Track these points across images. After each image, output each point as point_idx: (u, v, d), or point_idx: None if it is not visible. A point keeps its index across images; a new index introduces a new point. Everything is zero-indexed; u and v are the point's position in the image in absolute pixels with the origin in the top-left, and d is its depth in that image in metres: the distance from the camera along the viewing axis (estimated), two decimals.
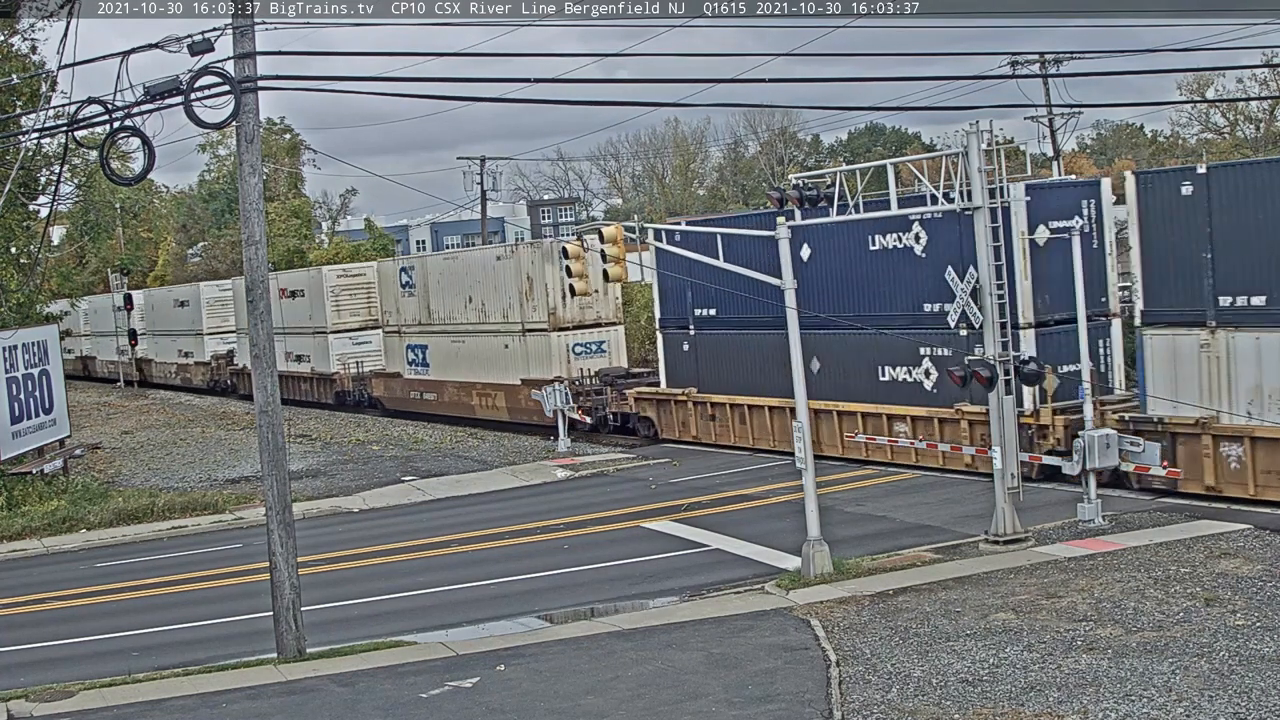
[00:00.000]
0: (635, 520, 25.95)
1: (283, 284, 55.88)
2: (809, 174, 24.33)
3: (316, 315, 52.98)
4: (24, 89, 33.69)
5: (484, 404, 42.13)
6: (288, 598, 17.90)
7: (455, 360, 44.06)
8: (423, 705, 14.99)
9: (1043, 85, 51.48)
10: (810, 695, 14.14)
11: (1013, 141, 51.62)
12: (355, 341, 52.02)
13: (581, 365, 39.07)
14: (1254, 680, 13.47)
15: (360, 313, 52.41)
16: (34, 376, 36.04)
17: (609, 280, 22.56)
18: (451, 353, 44.30)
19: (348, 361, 51.76)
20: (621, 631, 17.66)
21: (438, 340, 45.29)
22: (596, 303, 39.13)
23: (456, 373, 43.76)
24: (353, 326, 52.23)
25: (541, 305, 39.39)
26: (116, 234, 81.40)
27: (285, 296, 54.60)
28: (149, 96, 16.71)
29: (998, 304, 21.17)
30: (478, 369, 42.62)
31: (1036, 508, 22.69)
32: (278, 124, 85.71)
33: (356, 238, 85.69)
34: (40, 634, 21.17)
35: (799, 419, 20.25)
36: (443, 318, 44.79)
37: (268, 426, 18.08)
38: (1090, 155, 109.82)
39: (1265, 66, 59.17)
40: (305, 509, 29.45)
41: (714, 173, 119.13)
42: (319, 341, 53.03)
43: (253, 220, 17.96)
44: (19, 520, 30.50)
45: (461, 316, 43.43)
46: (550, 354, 39.13)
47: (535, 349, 39.74)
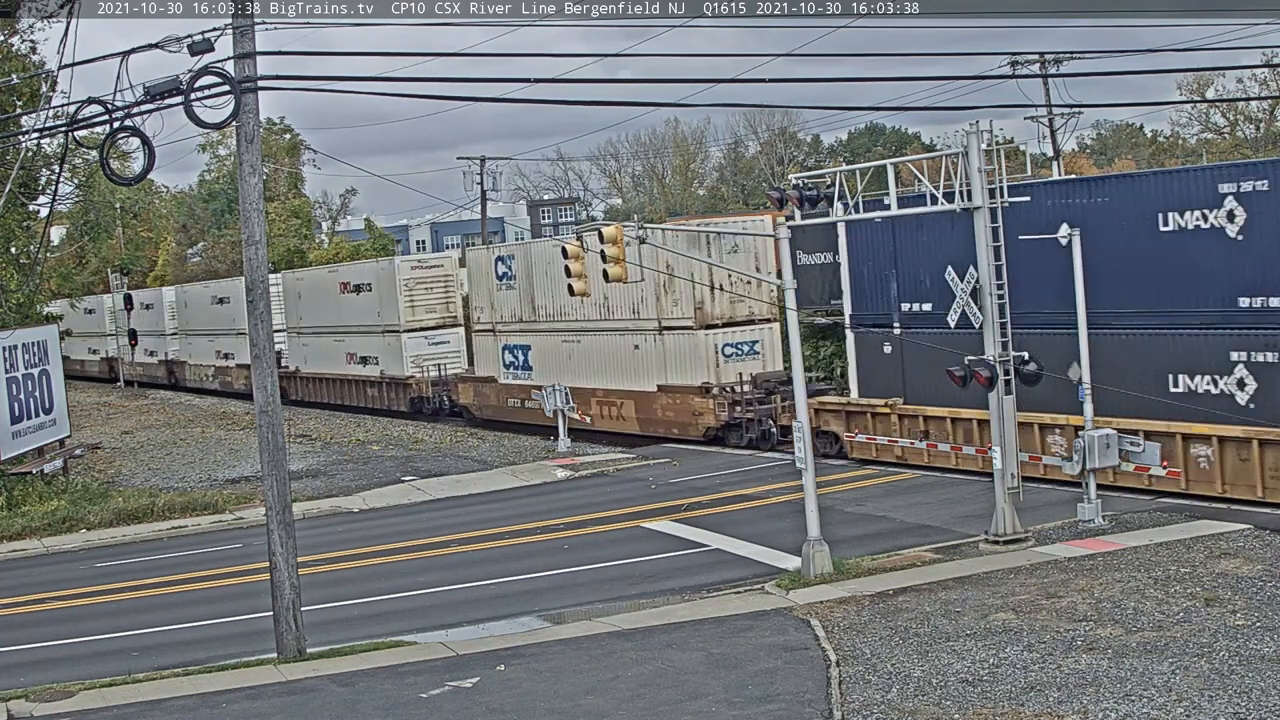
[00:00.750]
0: (635, 520, 25.95)
1: (344, 277, 51.79)
2: (809, 174, 24.30)
3: (387, 312, 47.91)
4: (24, 89, 33.70)
5: (606, 413, 37.20)
6: (288, 598, 17.90)
7: (567, 363, 38.78)
8: (423, 705, 14.99)
9: (1043, 85, 51.49)
10: (810, 695, 14.14)
11: (1013, 141, 51.67)
12: (431, 341, 47.25)
13: (733, 369, 34.01)
14: (1254, 680, 13.47)
15: (436, 309, 47.46)
16: (34, 376, 36.05)
17: (608, 280, 22.49)
18: (562, 354, 39.10)
19: (424, 364, 46.69)
20: (621, 631, 17.66)
21: (544, 340, 39.95)
22: (749, 296, 34.34)
23: (569, 377, 38.03)
24: (429, 324, 47.34)
25: (685, 299, 34.27)
26: (116, 234, 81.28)
27: (347, 291, 50.43)
28: (149, 96, 16.72)
29: (997, 304, 21.15)
30: (598, 373, 37.58)
31: (1036, 508, 22.68)
32: (278, 124, 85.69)
33: (356, 238, 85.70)
34: (40, 634, 21.18)
35: (799, 418, 20.26)
36: (551, 314, 39.45)
37: (268, 426, 18.08)
38: (1090, 155, 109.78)
39: (1265, 66, 59.20)
40: (305, 509, 29.45)
41: (714, 173, 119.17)
42: (390, 342, 47.98)
43: (253, 220, 17.96)
44: (19, 520, 30.51)
45: (576, 313, 37.77)
46: (696, 356, 34.16)
47: (676, 350, 34.56)
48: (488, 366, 43.29)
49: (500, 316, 42.17)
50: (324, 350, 53.50)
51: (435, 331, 47.51)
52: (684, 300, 34.34)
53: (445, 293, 47.92)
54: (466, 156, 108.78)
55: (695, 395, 33.79)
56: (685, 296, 34.23)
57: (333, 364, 52.60)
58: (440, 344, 47.36)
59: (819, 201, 22.12)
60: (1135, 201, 23.77)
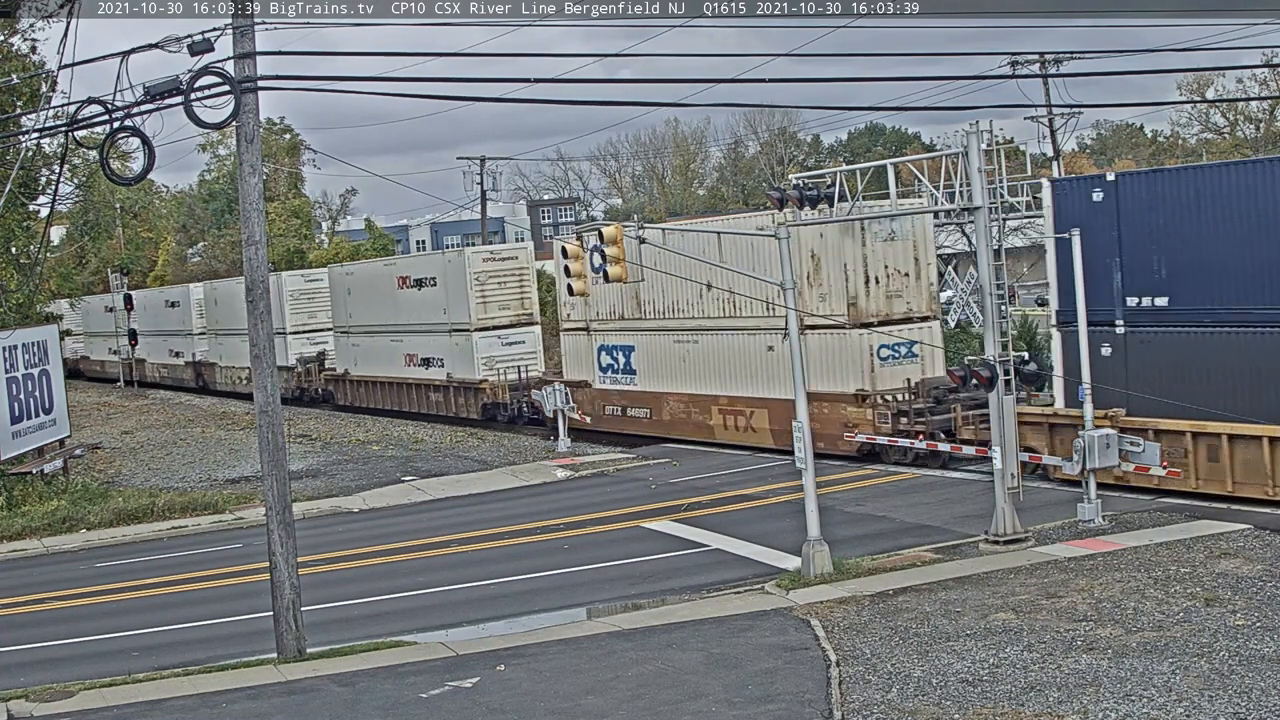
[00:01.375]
0: (635, 520, 25.95)
1: (404, 271, 47.48)
2: (809, 174, 24.34)
3: (455, 310, 43.61)
4: (24, 89, 33.70)
5: (731, 424, 32.85)
6: (288, 598, 17.90)
7: (681, 366, 34.71)
8: (423, 705, 14.99)
9: (1043, 85, 51.52)
10: (810, 695, 14.14)
11: (1012, 141, 51.68)
12: (505, 341, 42.70)
13: (889, 374, 29.52)
14: (1254, 680, 13.47)
15: (510, 305, 42.87)
16: (34, 376, 36.06)
17: (608, 280, 22.47)
18: (674, 356, 34.96)
19: (497, 366, 42.25)
20: (621, 631, 17.66)
21: (652, 340, 35.78)
22: (907, 290, 29.81)
23: (683, 382, 34.29)
24: (503, 323, 42.86)
25: (836, 293, 29.72)
26: (116, 234, 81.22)
27: (406, 286, 46.08)
28: (149, 96, 16.72)
29: (996, 304, 21.15)
30: (721, 378, 33.44)
31: (1036, 508, 22.68)
32: (278, 124, 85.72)
33: (356, 238, 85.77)
34: (40, 634, 21.17)
35: (799, 418, 20.25)
36: (661, 310, 35.18)
37: (268, 426, 18.08)
38: (1090, 155, 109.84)
39: (1265, 66, 59.25)
40: (305, 509, 29.45)
41: (714, 173, 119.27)
42: (458, 342, 43.67)
43: (253, 220, 17.96)
44: (19, 520, 30.51)
45: (693, 309, 33.58)
46: (847, 359, 29.71)
47: (822, 352, 30.20)
48: (580, 369, 38.96)
49: (595, 314, 37.86)
50: (379, 351, 48.92)
51: (509, 330, 43.04)
52: (833, 295, 29.77)
53: (520, 287, 43.13)
54: (466, 156, 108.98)
55: (848, 404, 29.52)
56: (836, 290, 29.72)
57: (389, 366, 48.34)
58: (515, 344, 42.91)
59: (819, 202, 22.13)
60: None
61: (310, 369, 54.52)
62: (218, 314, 62.89)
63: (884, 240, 29.57)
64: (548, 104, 22.68)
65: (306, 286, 55.50)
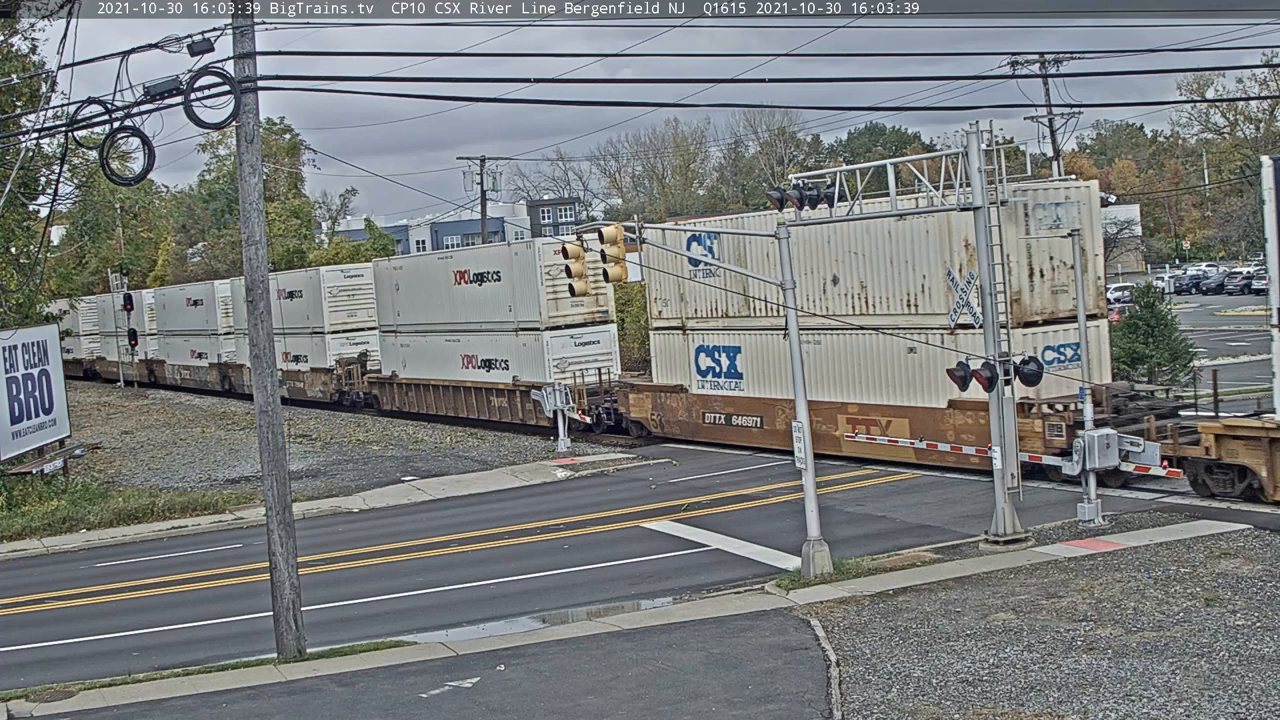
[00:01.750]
0: (635, 520, 25.95)
1: (461, 265, 43.48)
2: (809, 174, 24.30)
3: (523, 307, 39.99)
4: (24, 89, 33.71)
5: (863, 434, 29.43)
6: (288, 598, 17.90)
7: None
8: (423, 705, 15.00)
9: (1043, 85, 51.52)
10: (810, 695, 14.14)
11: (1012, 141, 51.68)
12: (578, 341, 39.31)
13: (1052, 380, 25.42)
14: (1254, 680, 13.47)
15: (584, 302, 38.88)
16: (34, 376, 36.06)
17: (608, 280, 22.47)
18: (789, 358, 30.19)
19: (570, 368, 38.69)
20: (621, 631, 17.66)
21: (763, 340, 31.81)
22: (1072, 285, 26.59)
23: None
24: (575, 321, 39.40)
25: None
26: (116, 234, 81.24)
27: (465, 282, 42.33)
28: (149, 96, 16.73)
29: (994, 303, 21.16)
30: (850, 383, 29.72)
31: (1036, 508, 22.69)
32: (278, 124, 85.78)
33: (356, 238, 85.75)
34: (40, 634, 21.17)
35: (799, 418, 20.26)
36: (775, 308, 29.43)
37: (268, 426, 18.08)
38: (1090, 155, 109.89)
39: (1265, 66, 59.28)
40: (305, 509, 29.45)
41: (714, 173, 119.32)
42: (526, 342, 39.93)
43: (253, 220, 17.96)
44: (19, 520, 30.51)
45: (815, 307, 29.62)
46: None
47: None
48: (672, 373, 35.62)
49: (694, 311, 34.38)
50: (432, 352, 45.26)
51: (582, 329, 39.36)
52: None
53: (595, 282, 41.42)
54: (466, 156, 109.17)
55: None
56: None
57: (443, 368, 44.75)
58: (588, 344, 39.18)
59: (819, 202, 22.12)
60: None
61: (352, 371, 50.84)
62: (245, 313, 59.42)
63: (1049, 227, 26.74)
64: (548, 104, 22.72)
65: (347, 283, 52.11)
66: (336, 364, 51.38)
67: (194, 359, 65.94)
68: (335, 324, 51.93)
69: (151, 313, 70.81)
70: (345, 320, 51.97)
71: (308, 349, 53.15)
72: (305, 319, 52.85)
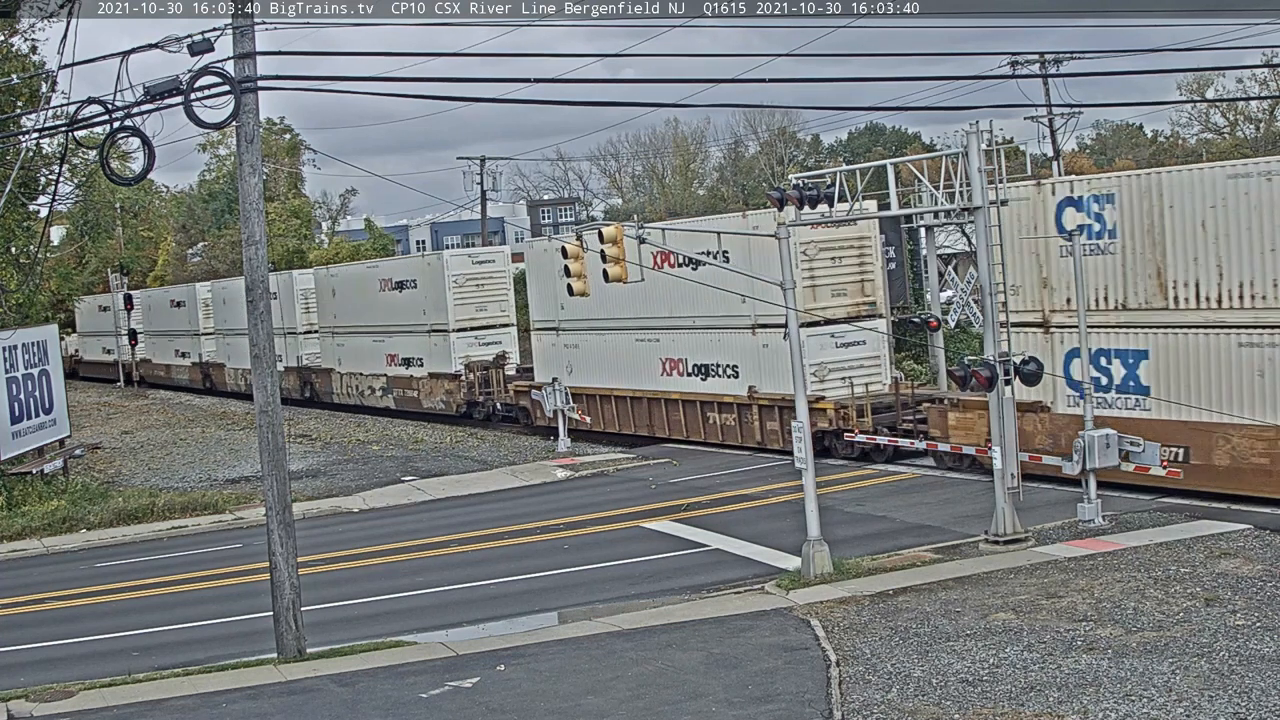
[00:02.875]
0: (635, 520, 25.95)
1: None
2: (809, 174, 24.28)
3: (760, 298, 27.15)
4: (24, 89, 33.70)
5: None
6: (288, 598, 17.91)
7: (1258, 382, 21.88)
8: (423, 705, 15.00)
9: (1043, 85, 51.55)
10: (810, 695, 14.14)
11: (1012, 141, 51.68)
12: (840, 342, 30.32)
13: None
14: (1254, 680, 13.47)
15: (847, 289, 30.48)
16: (34, 376, 36.07)
17: (608, 280, 22.41)
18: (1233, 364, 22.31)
19: (831, 377, 30.07)
20: (621, 631, 17.66)
21: (1185, 342, 23.11)
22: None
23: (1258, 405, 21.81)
24: (837, 315, 30.01)
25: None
26: (116, 234, 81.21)
27: (677, 266, 30.59)
28: (149, 96, 16.74)
29: (998, 304, 21.15)
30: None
31: (1036, 508, 22.68)
32: (278, 124, 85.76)
33: (356, 238, 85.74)
34: (40, 634, 21.18)
35: (799, 418, 20.26)
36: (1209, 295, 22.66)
37: (268, 426, 18.08)
38: (1090, 155, 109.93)
39: (1265, 66, 59.27)
40: (305, 509, 29.45)
41: (714, 173, 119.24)
42: (766, 343, 30.98)
43: (253, 220, 17.96)
44: (19, 520, 30.51)
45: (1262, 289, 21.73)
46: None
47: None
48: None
49: (1065, 301, 24.83)
50: (617, 353, 36.52)
51: (844, 327, 30.32)
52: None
53: (859, 264, 30.78)
54: (466, 156, 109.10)
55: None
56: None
57: (635, 375, 35.94)
58: (851, 345, 30.53)
59: (819, 202, 22.11)
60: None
61: (489, 376, 42.66)
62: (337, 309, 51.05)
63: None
64: (548, 104, 22.73)
65: (475, 271, 44.01)
66: (465, 369, 43.20)
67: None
68: (461, 320, 43.53)
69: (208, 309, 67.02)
70: (473, 315, 43.79)
71: (423, 350, 45.06)
72: (420, 314, 44.67)
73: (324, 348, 52.44)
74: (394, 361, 47.02)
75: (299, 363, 54.71)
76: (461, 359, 43.58)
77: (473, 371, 43.11)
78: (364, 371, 49.27)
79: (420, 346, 45.41)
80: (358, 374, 49.77)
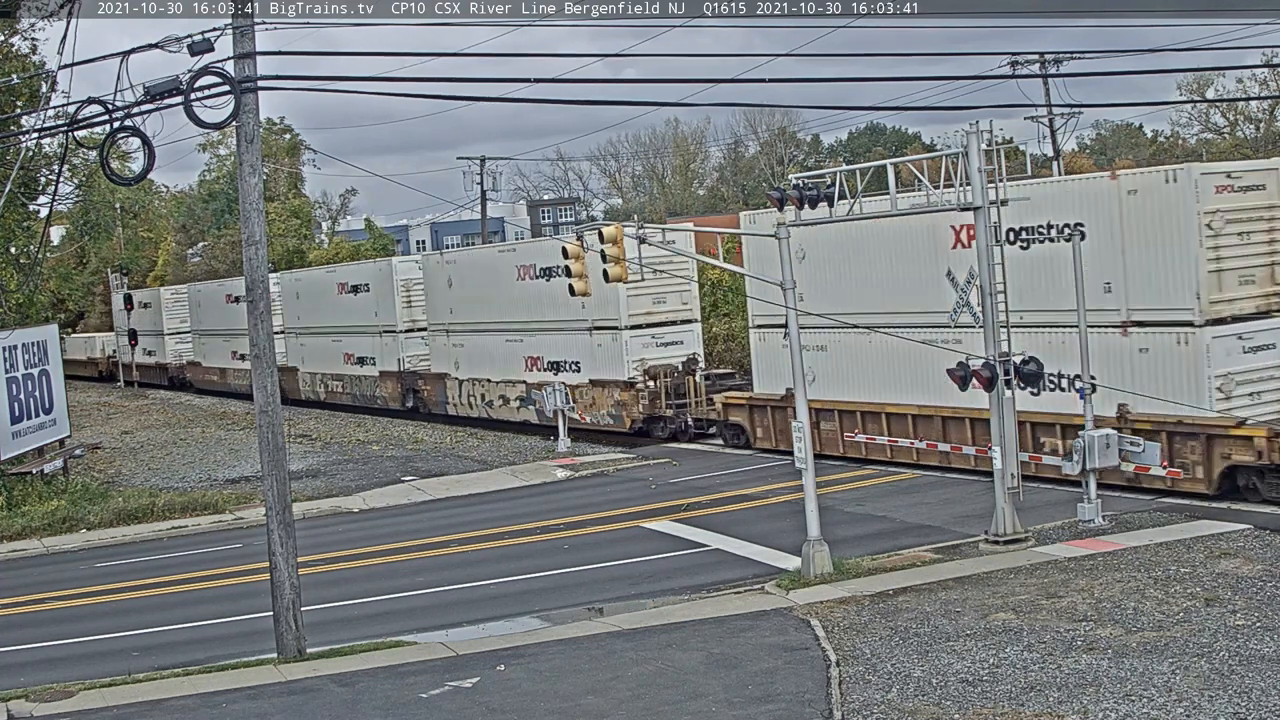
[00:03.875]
0: (635, 520, 25.95)
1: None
2: (809, 174, 24.27)
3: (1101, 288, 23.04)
4: (24, 89, 33.71)
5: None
6: (288, 598, 17.90)
7: None
8: (423, 705, 14.99)
9: (1043, 85, 51.54)
10: (810, 695, 14.14)
11: (1012, 141, 51.66)
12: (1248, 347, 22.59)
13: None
14: (1254, 680, 13.47)
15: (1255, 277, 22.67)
16: (34, 376, 36.06)
17: (608, 280, 22.39)
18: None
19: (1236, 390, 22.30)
20: (621, 631, 17.66)
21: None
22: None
23: None
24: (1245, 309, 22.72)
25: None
26: (116, 234, 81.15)
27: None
28: (149, 96, 16.73)
29: (996, 303, 21.13)
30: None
31: (1036, 508, 22.67)
32: (278, 124, 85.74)
33: (356, 238, 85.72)
34: (40, 634, 21.17)
35: (799, 418, 20.25)
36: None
37: (268, 426, 18.07)
38: (1090, 155, 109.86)
39: (1265, 66, 59.24)
40: (305, 509, 29.45)
41: (714, 173, 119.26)
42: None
43: (253, 220, 17.95)
44: (19, 520, 30.51)
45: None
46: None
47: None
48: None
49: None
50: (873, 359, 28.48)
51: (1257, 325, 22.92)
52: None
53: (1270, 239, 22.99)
54: (466, 156, 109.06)
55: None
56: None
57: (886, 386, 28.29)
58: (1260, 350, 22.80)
59: (819, 202, 22.08)
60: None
61: (679, 385, 35.38)
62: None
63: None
64: (550, 104, 22.70)
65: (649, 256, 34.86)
66: (642, 375, 35.40)
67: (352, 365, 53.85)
68: (635, 314, 35.36)
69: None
70: (649, 309, 35.66)
71: (577, 352, 37.24)
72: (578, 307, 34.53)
73: (434, 348, 44.50)
74: (534, 366, 39.00)
75: (399, 366, 46.93)
76: (635, 362, 35.57)
77: (650, 378, 35.51)
78: (493, 378, 41.00)
79: (570, 347, 37.43)
80: (483, 380, 41.59)
